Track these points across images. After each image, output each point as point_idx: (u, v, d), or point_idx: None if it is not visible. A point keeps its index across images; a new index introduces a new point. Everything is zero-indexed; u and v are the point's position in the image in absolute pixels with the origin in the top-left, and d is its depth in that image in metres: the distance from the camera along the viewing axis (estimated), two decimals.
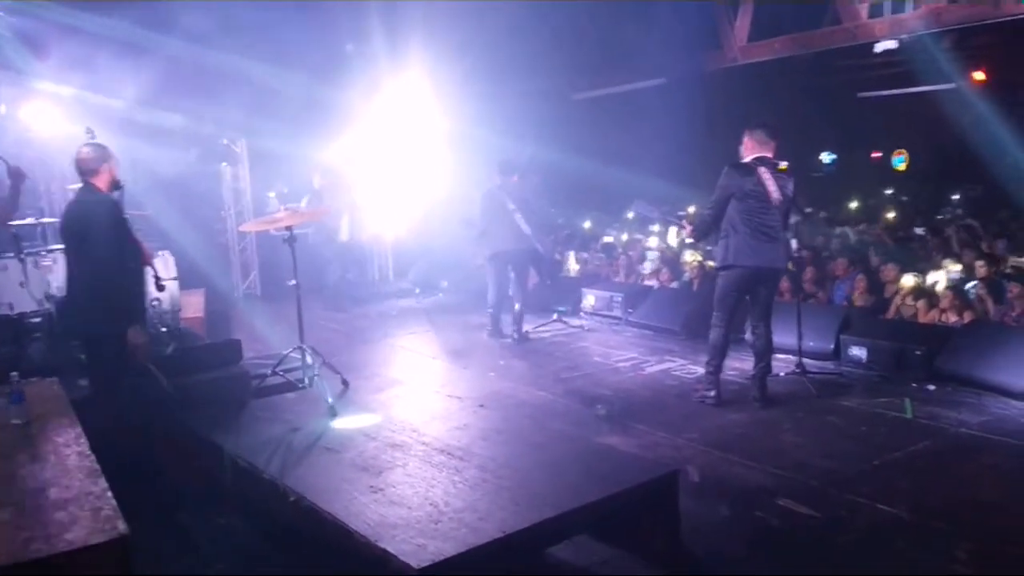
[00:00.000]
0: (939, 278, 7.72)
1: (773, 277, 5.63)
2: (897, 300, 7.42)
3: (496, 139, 10.45)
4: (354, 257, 10.66)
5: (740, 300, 5.61)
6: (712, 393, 5.66)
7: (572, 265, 11.41)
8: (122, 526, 2.49)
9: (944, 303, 6.96)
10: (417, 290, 10.88)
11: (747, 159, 5.51)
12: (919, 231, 11.18)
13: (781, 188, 5.38)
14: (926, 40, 10.32)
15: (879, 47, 10.73)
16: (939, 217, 13.11)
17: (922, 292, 7.29)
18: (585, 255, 11.69)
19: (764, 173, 5.37)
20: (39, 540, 2.40)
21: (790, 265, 6.08)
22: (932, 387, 5.84)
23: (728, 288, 5.53)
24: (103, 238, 4.24)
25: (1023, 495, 4.18)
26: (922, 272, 7.85)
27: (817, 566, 3.52)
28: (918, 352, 6.07)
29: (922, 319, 7.03)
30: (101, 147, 4.47)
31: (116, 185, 4.47)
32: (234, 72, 8.82)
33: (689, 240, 7.76)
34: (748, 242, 5.35)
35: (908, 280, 7.53)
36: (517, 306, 7.87)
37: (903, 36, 10.12)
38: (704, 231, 5.76)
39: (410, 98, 9.93)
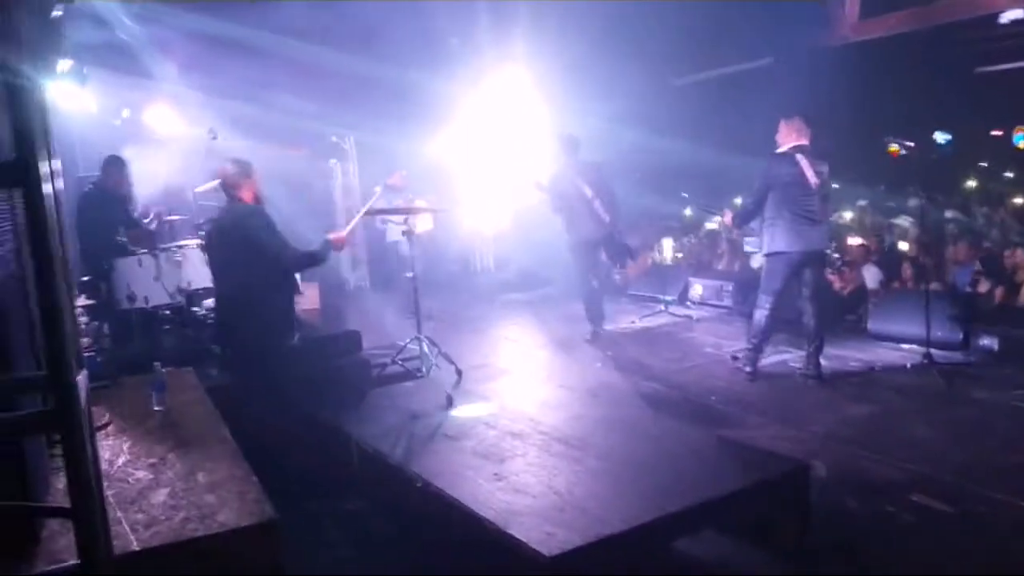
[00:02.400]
0: None
1: (819, 259, 5.93)
2: None
3: (598, 127, 10.37)
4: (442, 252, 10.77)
5: (788, 284, 5.81)
6: (749, 369, 6.00)
7: (667, 253, 11.23)
8: (270, 509, 2.59)
9: None
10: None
11: (785, 148, 5.80)
12: None
13: (818, 173, 5.67)
14: None
15: (1005, 17, 10.08)
16: None
17: None
18: (687, 241, 11.49)
19: (802, 160, 5.66)
20: (194, 521, 2.53)
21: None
22: None
23: (776, 272, 5.81)
24: (262, 247, 4.37)
25: None
26: None
27: (955, 564, 3.36)
28: None
29: None
30: (244, 163, 4.61)
31: (259, 199, 4.62)
32: (342, 69, 9.04)
33: (729, 227, 8.01)
34: (793, 227, 5.66)
35: None
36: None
37: None
38: (746, 219, 6.22)
39: (512, 90, 9.96)
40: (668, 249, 11.35)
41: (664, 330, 7.98)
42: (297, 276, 5.12)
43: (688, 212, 13.59)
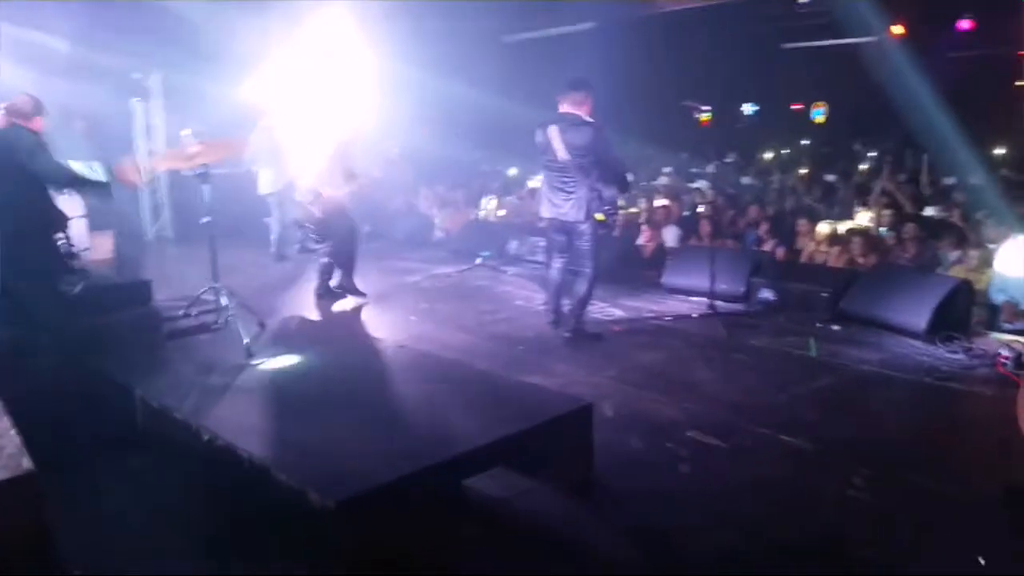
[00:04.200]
0: (850, 225, 8.03)
1: (573, 229, 5.79)
2: (811, 247, 7.70)
3: (426, 78, 10.27)
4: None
5: (557, 245, 5.97)
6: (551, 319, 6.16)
7: (489, 210, 11.41)
8: (27, 463, 2.43)
9: (854, 248, 7.26)
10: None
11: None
12: (831, 178, 11.54)
13: (571, 145, 5.55)
14: None
15: None
16: (856, 168, 13.52)
17: (836, 239, 7.58)
18: (511, 199, 11.69)
19: (552, 130, 5.61)
20: None
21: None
22: (837, 328, 6.10)
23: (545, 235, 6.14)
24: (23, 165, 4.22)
25: (916, 426, 4.46)
26: (837, 219, 8.15)
27: (722, 490, 3.68)
28: (824, 294, 6.34)
29: (834, 264, 7.32)
30: (39, 101, 4.50)
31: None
32: (150, 4, 8.38)
33: None
34: (546, 196, 5.84)
35: (823, 228, 7.80)
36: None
37: None
38: None
39: (332, 32, 9.59)
40: (491, 206, 11.49)
41: (480, 284, 8.12)
42: (70, 211, 4.81)
43: (513, 171, 13.79)
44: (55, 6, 8.12)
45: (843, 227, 7.99)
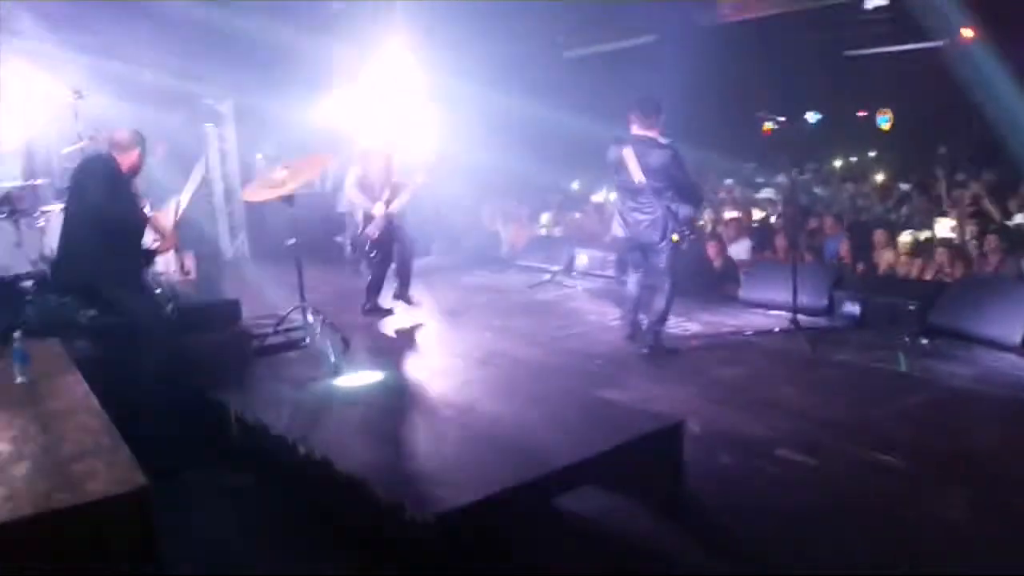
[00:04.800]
0: (931, 234, 7.81)
1: (651, 248, 5.80)
2: (890, 258, 7.50)
3: (486, 94, 10.35)
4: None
5: (633, 261, 6.05)
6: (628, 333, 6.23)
7: (547, 224, 11.43)
8: (141, 478, 2.50)
9: (940, 259, 7.05)
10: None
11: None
12: (905, 187, 11.25)
13: (647, 166, 5.54)
14: None
15: (869, 3, 10.70)
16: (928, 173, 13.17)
17: (917, 248, 7.38)
18: (573, 215, 11.70)
19: (626, 150, 5.59)
20: (61, 491, 2.41)
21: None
22: (926, 341, 5.91)
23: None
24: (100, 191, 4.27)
25: (1014, 445, 4.26)
26: (915, 229, 7.93)
27: (816, 510, 3.59)
28: (911, 307, 6.15)
29: (916, 275, 7.12)
30: (140, 135, 4.60)
31: (134, 171, 4.58)
32: (218, 29, 8.65)
33: None
34: (621, 216, 5.86)
35: (905, 238, 7.60)
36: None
37: None
38: None
39: (398, 54, 9.77)
40: (546, 222, 11.51)
41: (550, 299, 8.12)
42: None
43: (576, 185, 13.80)
44: (137, 38, 8.44)
45: (924, 237, 7.78)
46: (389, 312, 7.00)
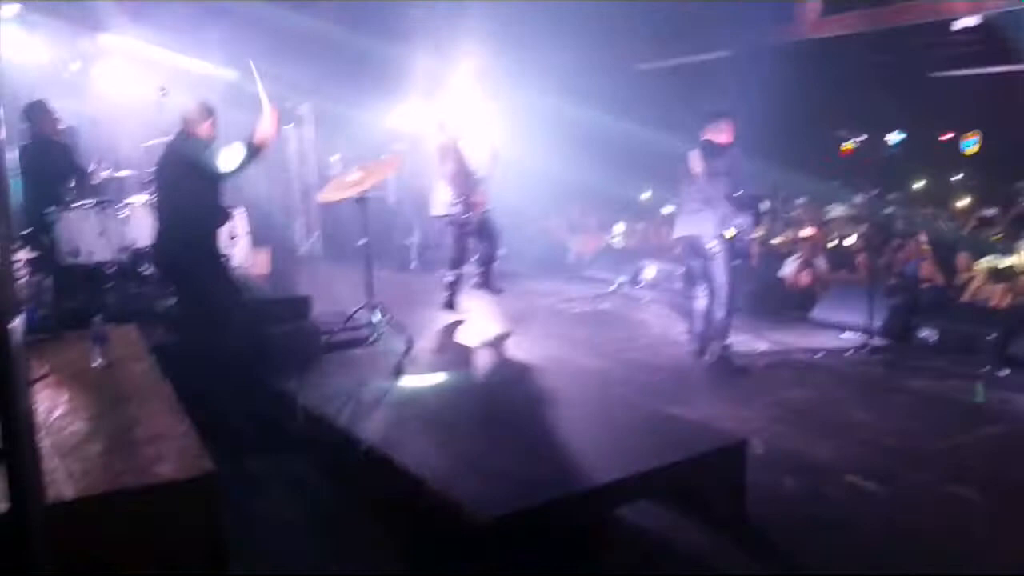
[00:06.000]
0: (1015, 261, 7.46)
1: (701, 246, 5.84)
2: (974, 284, 7.21)
3: (556, 102, 10.36)
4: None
5: (692, 268, 6.08)
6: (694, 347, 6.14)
7: (618, 236, 11.36)
8: (208, 464, 2.56)
9: (1021, 286, 6.75)
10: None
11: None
12: (989, 213, 10.80)
13: (706, 166, 5.74)
14: (1008, 17, 9.89)
15: (958, 24, 10.34)
16: (1014, 199, 12.65)
17: (999, 275, 7.07)
18: (640, 226, 11.61)
19: (692, 153, 5.81)
20: (130, 473, 2.49)
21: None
22: (1005, 372, 5.66)
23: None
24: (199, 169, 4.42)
25: None
26: (998, 255, 7.59)
27: (884, 542, 3.47)
28: (990, 336, 5.91)
29: (998, 303, 6.83)
30: (208, 105, 4.72)
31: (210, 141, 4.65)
32: (299, 32, 8.87)
33: None
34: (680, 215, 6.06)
35: (984, 263, 7.30)
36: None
37: (986, 12, 9.73)
38: None
39: (473, 64, 9.86)
40: (619, 232, 11.44)
41: (616, 311, 8.06)
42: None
43: (645, 195, 13.68)
44: (219, 37, 8.71)
45: (1005, 263, 7.45)
46: (463, 314, 7.04)
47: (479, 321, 7.05)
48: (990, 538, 3.44)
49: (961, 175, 17.69)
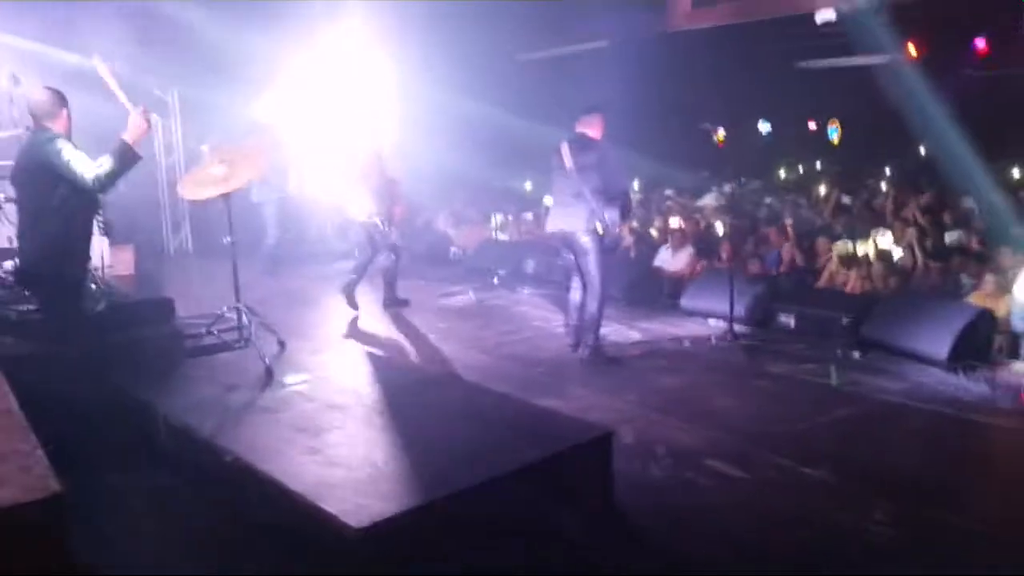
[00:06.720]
0: (869, 247, 7.99)
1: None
2: (829, 269, 7.66)
3: (436, 95, 10.31)
4: (292, 216, 10.37)
5: (569, 265, 6.13)
6: (570, 341, 6.28)
7: (498, 227, 11.44)
8: (55, 484, 2.43)
9: (874, 272, 7.22)
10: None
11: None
12: (846, 200, 11.49)
13: (576, 160, 5.79)
14: (864, 11, 10.54)
15: (819, 17, 10.94)
16: (870, 186, 13.47)
17: (853, 261, 7.54)
18: (528, 215, 11.72)
19: (563, 146, 5.87)
20: None
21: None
22: (858, 354, 6.04)
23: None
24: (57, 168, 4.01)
25: (938, 459, 4.38)
26: (853, 241, 8.10)
27: (744, 524, 3.65)
28: (844, 320, 6.29)
29: (852, 288, 7.28)
30: (57, 92, 4.20)
31: (69, 134, 4.23)
32: (166, 19, 8.47)
33: None
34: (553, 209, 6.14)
35: (839, 249, 7.77)
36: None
37: (842, 7, 10.32)
38: None
39: (347, 48, 9.66)
40: (499, 224, 11.52)
41: (496, 303, 8.12)
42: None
43: (529, 187, 13.81)
44: (79, 25, 8.22)
45: (861, 249, 7.96)
46: (406, 303, 7.46)
47: (358, 319, 6.97)
48: (840, 519, 3.64)
49: (822, 163, 18.71)
